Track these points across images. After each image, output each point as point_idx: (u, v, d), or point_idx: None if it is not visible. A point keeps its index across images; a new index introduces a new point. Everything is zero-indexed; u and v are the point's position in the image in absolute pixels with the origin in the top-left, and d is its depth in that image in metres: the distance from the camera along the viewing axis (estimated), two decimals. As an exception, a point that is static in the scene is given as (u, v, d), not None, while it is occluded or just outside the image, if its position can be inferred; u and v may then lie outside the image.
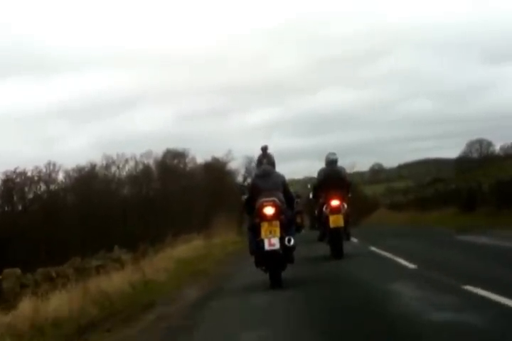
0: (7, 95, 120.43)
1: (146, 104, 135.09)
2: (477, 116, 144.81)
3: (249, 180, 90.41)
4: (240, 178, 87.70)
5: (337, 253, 17.62)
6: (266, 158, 13.55)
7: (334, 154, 19.33)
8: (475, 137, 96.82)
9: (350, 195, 18.73)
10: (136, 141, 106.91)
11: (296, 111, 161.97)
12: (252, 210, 13.05)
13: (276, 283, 12.52)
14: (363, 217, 56.38)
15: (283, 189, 13.05)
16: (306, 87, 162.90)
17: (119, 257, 23.08)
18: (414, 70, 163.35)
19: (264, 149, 13.66)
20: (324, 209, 17.53)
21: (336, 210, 17.03)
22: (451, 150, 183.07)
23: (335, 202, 17.11)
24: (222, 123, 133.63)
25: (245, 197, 13.82)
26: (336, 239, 17.35)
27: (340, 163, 20.80)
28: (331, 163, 18.69)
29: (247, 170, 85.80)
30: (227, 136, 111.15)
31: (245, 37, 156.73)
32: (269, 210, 12.26)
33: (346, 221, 17.68)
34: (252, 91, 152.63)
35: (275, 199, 12.51)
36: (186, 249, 26.83)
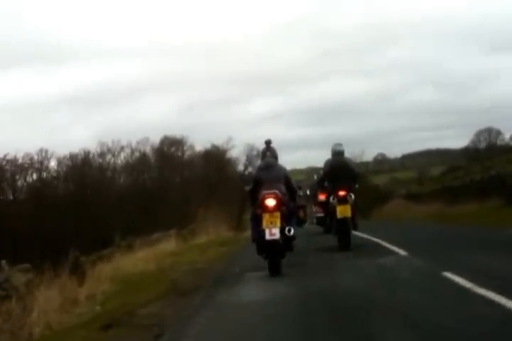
0: (10, 84, 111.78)
1: (149, 94, 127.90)
2: (481, 106, 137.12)
3: (250, 169, 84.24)
4: (241, 167, 78.94)
5: (345, 243, 16.52)
6: (269, 151, 13.31)
7: (340, 145, 18.25)
8: (479, 127, 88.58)
9: (357, 186, 17.30)
10: (138, 131, 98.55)
11: (299, 102, 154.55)
12: (254, 201, 12.65)
13: (275, 270, 12.08)
14: (375, 208, 47.40)
15: (285, 181, 12.68)
16: (310, 77, 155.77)
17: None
18: (419, 60, 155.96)
19: (268, 142, 13.62)
20: (331, 199, 16.36)
21: (343, 200, 15.98)
22: (454, 141, 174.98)
23: (342, 193, 16.08)
24: (226, 113, 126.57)
25: (249, 188, 13.16)
26: (343, 229, 16.27)
27: (349, 152, 19.17)
28: (338, 153, 17.41)
29: (248, 158, 77.53)
30: (230, 125, 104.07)
31: (251, 27, 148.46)
32: (270, 202, 11.85)
33: (354, 211, 16.54)
34: (256, 81, 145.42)
35: (277, 191, 12.18)
36: (138, 258, 18.10)
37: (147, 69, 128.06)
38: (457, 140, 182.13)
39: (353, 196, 16.38)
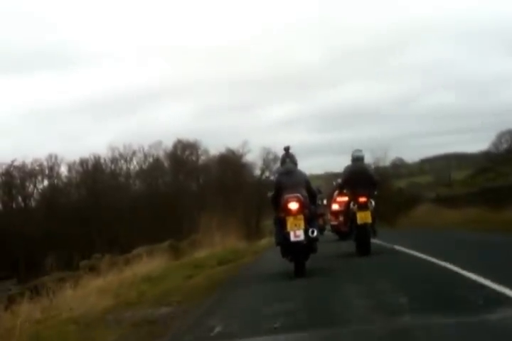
0: (28, 89, 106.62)
1: (164, 100, 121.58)
2: (500, 109, 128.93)
3: (267, 173, 78.61)
4: (257, 171, 72.89)
5: (364, 249, 15.18)
6: (289, 158, 12.78)
7: (360, 151, 17.21)
8: (498, 130, 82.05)
9: (376, 193, 16.00)
10: (153, 137, 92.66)
11: (317, 106, 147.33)
12: (277, 206, 12.20)
13: (300, 271, 11.83)
14: (400, 215, 41.14)
15: (306, 185, 12.34)
16: (328, 80, 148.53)
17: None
18: (439, 62, 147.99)
19: (287, 149, 13.05)
20: (351, 205, 15.37)
21: (363, 207, 14.89)
22: (473, 145, 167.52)
23: (362, 199, 15.03)
24: (242, 118, 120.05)
25: (271, 194, 12.65)
26: (363, 235, 15.06)
27: (369, 156, 17.35)
28: (357, 159, 16.22)
29: (265, 162, 71.50)
30: (246, 130, 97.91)
31: (268, 30, 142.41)
32: (293, 205, 11.68)
33: (374, 218, 15.34)
34: (273, 85, 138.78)
35: (299, 195, 11.83)
36: (94, 288, 12.00)
37: (161, 74, 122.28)
38: (475, 144, 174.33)
39: (373, 202, 15.58)
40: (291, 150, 13.30)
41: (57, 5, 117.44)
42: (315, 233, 11.98)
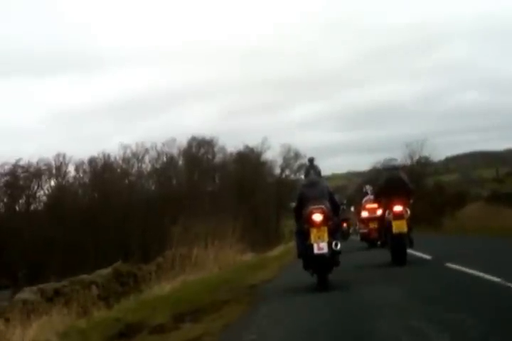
0: (52, 92, 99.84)
1: (186, 102, 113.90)
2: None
3: (287, 172, 70.72)
4: (277, 170, 64.66)
5: (400, 259, 14.12)
6: (312, 169, 12.08)
7: (396, 160, 16.96)
8: None
9: (411, 201, 15.05)
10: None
11: (340, 105, 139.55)
12: (299, 218, 11.48)
13: (323, 285, 10.95)
14: (445, 216, 32.54)
15: (329, 197, 11.61)
16: (353, 80, 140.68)
17: None
18: (466, 61, 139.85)
19: (311, 160, 12.44)
20: (387, 214, 14.42)
21: (399, 216, 14.06)
22: (499, 143, 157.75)
23: (398, 208, 14.12)
24: (266, 118, 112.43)
25: (294, 204, 11.82)
26: (399, 245, 14.06)
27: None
28: (392, 168, 15.44)
29: (285, 160, 63.03)
30: (269, 130, 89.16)
31: (291, 29, 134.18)
32: (317, 217, 11.02)
33: (409, 227, 14.34)
34: (297, 85, 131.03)
35: (323, 206, 11.19)
36: None
37: (184, 75, 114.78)
38: (501, 141, 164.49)
39: (408, 211, 14.42)
40: (315, 162, 12.48)
41: (83, 9, 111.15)
42: (338, 246, 11.04)
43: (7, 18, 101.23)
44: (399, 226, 14.01)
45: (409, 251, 14.55)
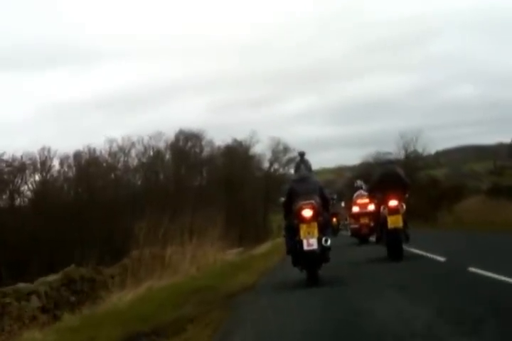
0: (41, 86, 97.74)
1: (181, 95, 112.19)
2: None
3: (276, 166, 68.69)
4: (266, 164, 62.67)
5: (396, 254, 13.75)
6: (303, 164, 11.76)
7: (391, 154, 17.30)
8: None
9: (407, 196, 14.74)
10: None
11: (334, 99, 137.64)
12: (288, 213, 11.27)
13: (312, 281, 10.63)
14: (441, 211, 30.59)
15: (319, 193, 11.33)
16: (347, 73, 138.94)
17: None
18: (460, 55, 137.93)
19: (302, 155, 12.09)
20: (382, 209, 14.08)
21: (394, 210, 13.78)
22: (489, 137, 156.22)
23: (393, 202, 13.86)
24: (256, 112, 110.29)
25: (283, 200, 11.59)
26: (394, 240, 13.74)
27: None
28: (388, 162, 15.22)
29: (274, 154, 60.98)
30: (260, 124, 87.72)
31: (285, 23, 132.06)
32: (307, 212, 10.72)
33: (405, 222, 13.96)
34: (290, 78, 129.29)
35: (313, 202, 10.91)
36: None
37: (173, 70, 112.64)
38: (491, 135, 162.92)
39: (404, 206, 14.06)
40: (305, 156, 11.99)
41: (76, 3, 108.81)
42: (328, 242, 10.76)
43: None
44: (394, 222, 13.69)
45: (417, 251, 14.03)
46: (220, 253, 17.19)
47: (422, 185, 38.39)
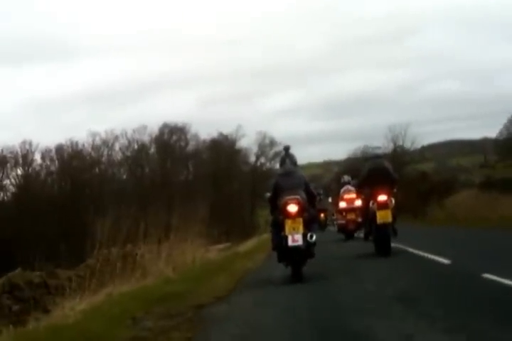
0: (29, 81, 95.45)
1: (167, 90, 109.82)
2: (504, 97, 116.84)
3: (262, 160, 67.24)
4: (252, 158, 61.18)
5: (384, 250, 13.34)
6: (288, 158, 11.48)
7: (379, 148, 16.97)
8: (503, 116, 71.64)
9: (395, 191, 14.43)
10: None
11: (317, 94, 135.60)
12: (274, 208, 11.01)
13: (297, 277, 10.36)
14: (431, 205, 29.13)
15: (305, 187, 11.07)
16: (331, 69, 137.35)
17: None
18: (442, 51, 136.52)
19: (287, 149, 11.86)
20: (371, 204, 13.76)
21: (383, 205, 13.43)
22: (474, 132, 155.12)
23: (382, 197, 13.50)
24: (242, 107, 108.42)
25: (268, 195, 11.30)
26: (383, 235, 13.35)
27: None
28: (376, 157, 14.87)
29: (261, 148, 59.52)
30: (245, 119, 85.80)
31: (270, 18, 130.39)
32: (292, 208, 10.43)
33: (394, 217, 13.63)
34: (275, 73, 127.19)
35: (298, 197, 10.64)
36: None
37: (159, 64, 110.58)
38: (476, 130, 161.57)
39: (393, 201, 13.75)
40: (290, 150, 11.79)
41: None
42: (313, 238, 10.50)
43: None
44: (383, 216, 13.40)
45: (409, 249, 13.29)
46: (200, 251, 15.68)
47: (411, 179, 37.01)
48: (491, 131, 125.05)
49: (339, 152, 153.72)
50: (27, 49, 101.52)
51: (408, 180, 39.81)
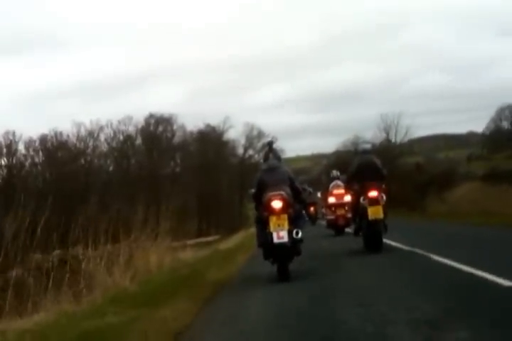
0: (17, 72, 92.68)
1: (154, 82, 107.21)
2: (490, 91, 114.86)
3: (250, 152, 64.83)
4: (240, 150, 58.77)
5: (375, 246, 12.96)
6: (272, 153, 11.11)
7: (368, 143, 17.43)
8: (489, 111, 69.71)
9: (384, 186, 13.81)
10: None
11: (305, 88, 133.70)
12: (259, 205, 10.62)
13: (283, 275, 9.97)
14: (430, 199, 26.72)
15: (289, 183, 10.62)
16: (319, 62, 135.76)
17: None
18: (429, 44, 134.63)
19: (270, 144, 11.78)
20: (361, 200, 13.28)
21: (374, 201, 13.03)
22: (461, 126, 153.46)
23: (373, 193, 13.12)
24: (230, 101, 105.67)
25: (252, 191, 10.93)
26: (374, 231, 12.99)
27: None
28: (365, 152, 14.41)
29: (248, 139, 57.15)
30: (233, 112, 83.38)
31: (258, 11, 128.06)
32: (277, 204, 10.01)
33: (385, 213, 13.20)
34: (264, 67, 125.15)
35: (283, 193, 10.23)
36: None
37: (147, 56, 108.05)
38: (462, 124, 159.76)
39: (384, 197, 13.28)
40: (274, 145, 11.82)
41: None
42: (299, 234, 10.12)
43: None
44: (375, 213, 13.06)
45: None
46: (170, 253, 13.23)
47: (405, 171, 34.71)
48: (477, 125, 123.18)
49: (328, 145, 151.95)
50: (13, 39, 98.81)
51: (402, 172, 37.75)
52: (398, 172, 37.02)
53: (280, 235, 9.79)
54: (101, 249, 10.46)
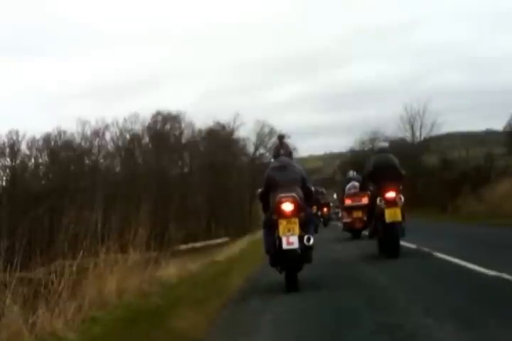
0: (31, 73, 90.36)
1: (168, 82, 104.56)
2: (508, 88, 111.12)
3: (261, 150, 61.26)
4: (251, 148, 55.17)
5: (393, 251, 11.96)
6: (283, 148, 9.89)
7: (386, 142, 16.85)
8: (508, 108, 66.22)
9: (401, 188, 12.66)
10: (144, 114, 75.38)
11: (322, 86, 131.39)
12: (267, 206, 9.59)
13: (292, 285, 8.96)
14: (463, 197, 23.08)
15: (301, 184, 9.43)
16: (336, 60, 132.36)
17: None
18: (449, 41, 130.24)
19: (281, 138, 10.45)
20: (378, 201, 12.38)
21: (392, 203, 12.05)
22: (479, 123, 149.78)
23: (391, 194, 12.14)
24: (244, 99, 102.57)
25: (260, 190, 9.74)
26: (392, 235, 11.98)
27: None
28: (382, 151, 13.41)
29: (259, 137, 53.51)
30: (246, 111, 79.93)
31: (275, 10, 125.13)
32: (287, 206, 8.95)
33: (403, 215, 12.18)
34: (279, 65, 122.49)
35: (294, 194, 9.09)
36: None
37: (161, 57, 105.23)
38: (481, 122, 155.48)
39: (402, 198, 12.20)
40: (285, 139, 10.35)
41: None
42: (311, 241, 9.05)
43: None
44: (392, 215, 12.08)
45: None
46: (146, 269, 9.55)
47: (430, 168, 31.33)
48: (494, 123, 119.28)
49: (341, 144, 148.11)
50: (23, 39, 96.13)
51: (426, 169, 34.83)
52: (422, 170, 33.77)
53: (290, 241, 8.82)
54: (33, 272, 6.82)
